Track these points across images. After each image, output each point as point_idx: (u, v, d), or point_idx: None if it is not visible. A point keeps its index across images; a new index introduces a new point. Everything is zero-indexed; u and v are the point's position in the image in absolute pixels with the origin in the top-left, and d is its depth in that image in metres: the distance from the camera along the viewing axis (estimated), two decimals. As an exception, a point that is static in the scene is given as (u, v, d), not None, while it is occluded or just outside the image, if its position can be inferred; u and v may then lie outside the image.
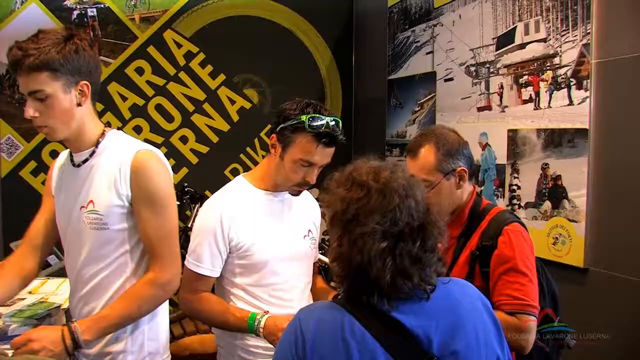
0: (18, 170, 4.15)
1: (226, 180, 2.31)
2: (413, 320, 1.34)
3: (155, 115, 4.39)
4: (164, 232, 1.90)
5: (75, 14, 4.26)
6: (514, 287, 1.89)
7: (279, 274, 2.17)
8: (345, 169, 1.46)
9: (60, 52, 1.77)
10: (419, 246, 1.35)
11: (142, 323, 1.97)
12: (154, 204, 1.88)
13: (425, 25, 3.77)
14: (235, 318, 2.09)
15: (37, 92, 1.78)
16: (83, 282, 1.96)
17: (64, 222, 1.99)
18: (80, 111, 1.86)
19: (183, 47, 4.43)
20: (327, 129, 2.06)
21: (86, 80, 1.84)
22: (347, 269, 1.37)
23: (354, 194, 1.38)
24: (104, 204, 1.87)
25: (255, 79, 4.57)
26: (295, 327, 1.39)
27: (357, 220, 1.35)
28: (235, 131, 4.54)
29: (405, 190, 1.37)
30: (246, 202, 2.18)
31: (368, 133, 4.61)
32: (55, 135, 1.87)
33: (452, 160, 2.05)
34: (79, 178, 1.93)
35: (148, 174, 1.87)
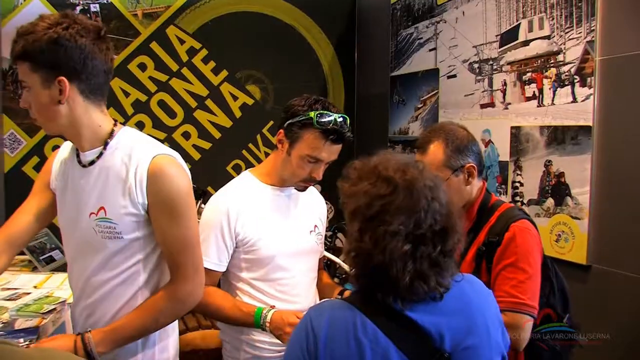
0: (21, 165, 4.15)
1: (228, 176, 2.31)
2: (425, 318, 1.34)
3: (157, 111, 4.39)
4: (184, 241, 1.76)
5: (78, 9, 4.25)
6: (511, 284, 1.89)
7: (285, 269, 2.18)
8: (369, 159, 1.43)
9: (37, 41, 1.58)
10: (439, 251, 1.34)
11: (154, 335, 1.86)
12: (173, 213, 1.72)
13: (428, 22, 3.77)
14: (241, 312, 2.10)
15: (22, 82, 1.65)
16: (90, 291, 1.82)
17: (69, 227, 1.85)
18: (66, 109, 1.66)
19: (186, 43, 4.43)
20: (335, 125, 2.06)
21: (65, 77, 1.62)
22: (366, 265, 1.35)
23: (380, 189, 1.34)
24: (117, 212, 1.72)
25: (257, 75, 4.57)
26: (306, 325, 1.38)
27: (381, 217, 1.32)
28: (238, 127, 4.54)
29: (431, 192, 1.35)
30: (253, 197, 2.18)
31: (370, 129, 4.61)
32: (46, 130, 1.75)
33: (461, 157, 2.05)
34: (87, 180, 1.77)
35: (167, 181, 1.71)
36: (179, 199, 1.73)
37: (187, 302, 1.80)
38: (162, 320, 1.81)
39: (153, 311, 1.77)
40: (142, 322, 1.76)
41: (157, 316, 1.78)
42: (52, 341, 1.73)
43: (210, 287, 2.17)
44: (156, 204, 1.72)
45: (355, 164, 1.45)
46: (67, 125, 1.70)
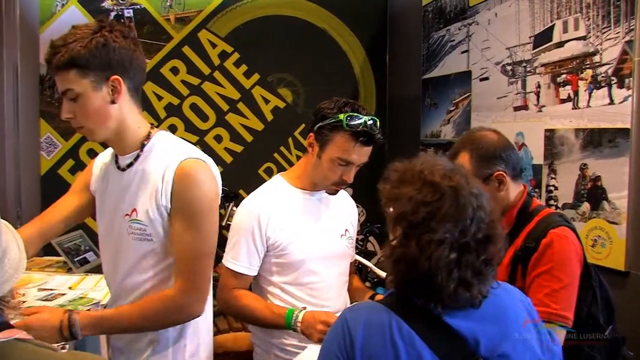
0: (56, 168, 4.22)
1: (260, 179, 2.32)
2: (462, 323, 1.33)
3: (190, 115, 4.42)
4: (197, 251, 1.74)
5: (113, 15, 4.31)
6: (544, 292, 1.85)
7: (315, 273, 2.17)
8: (410, 162, 1.41)
9: (86, 46, 1.63)
10: (482, 260, 1.32)
11: (184, 338, 1.87)
12: (191, 220, 1.71)
13: (460, 24, 3.74)
14: (272, 314, 2.10)
15: (68, 92, 1.68)
16: (126, 292, 1.85)
17: (105, 228, 1.89)
18: (117, 109, 1.72)
19: (217, 47, 4.45)
20: (365, 127, 2.06)
21: (118, 75, 1.69)
22: (410, 272, 1.33)
23: (426, 195, 1.32)
24: (147, 214, 1.74)
25: (289, 79, 4.57)
26: (342, 327, 1.37)
27: (427, 225, 1.30)
28: (270, 130, 4.55)
29: (477, 200, 1.34)
30: (284, 201, 2.18)
31: (402, 133, 4.59)
32: (94, 137, 1.76)
33: (488, 165, 2.01)
34: (123, 183, 1.81)
35: (192, 185, 1.70)
36: (200, 206, 1.72)
37: (184, 312, 1.77)
38: (155, 323, 1.79)
39: (146, 312, 1.75)
40: (132, 320, 1.75)
41: (149, 317, 1.76)
42: (39, 314, 1.73)
43: (242, 290, 2.18)
44: (177, 206, 1.72)
45: (396, 165, 1.43)
46: (114, 128, 1.74)
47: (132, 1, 4.31)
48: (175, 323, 1.83)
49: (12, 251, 1.18)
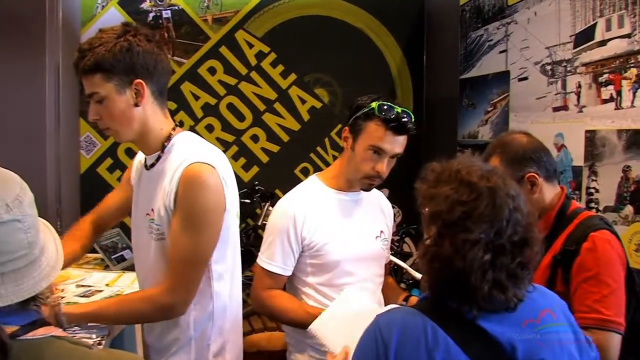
0: (95, 166, 4.29)
1: (296, 179, 2.32)
2: (497, 328, 1.30)
3: (226, 114, 4.45)
4: (188, 255, 1.75)
5: (151, 16, 4.37)
6: (594, 298, 1.79)
7: (350, 274, 2.17)
8: (448, 162, 1.40)
9: (110, 51, 1.68)
10: (517, 263, 1.30)
11: (207, 338, 1.90)
12: (189, 221, 1.74)
13: (498, 23, 3.69)
14: (307, 314, 2.10)
15: (94, 95, 1.73)
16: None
17: (135, 225, 1.96)
18: (140, 112, 1.77)
19: (254, 47, 4.47)
20: (396, 115, 2.06)
21: (141, 79, 1.73)
22: (443, 272, 1.32)
23: (462, 195, 1.31)
24: (159, 214, 1.79)
25: (326, 79, 4.57)
26: (375, 333, 1.36)
27: (462, 224, 1.29)
28: (306, 130, 4.55)
29: (513, 201, 1.32)
30: (319, 201, 2.18)
31: (439, 133, 4.55)
32: (119, 137, 1.82)
33: (518, 168, 1.99)
34: (148, 182, 1.87)
35: (195, 188, 1.72)
36: (200, 211, 1.74)
37: (165, 312, 1.80)
38: (139, 320, 1.87)
39: (130, 308, 1.80)
40: (116, 315, 1.81)
41: (134, 314, 1.82)
42: None
43: (276, 290, 2.19)
44: (178, 207, 1.74)
45: (433, 165, 1.42)
46: (138, 129, 1.79)
47: (170, 2, 4.36)
48: (160, 320, 1.87)
49: (49, 250, 1.20)
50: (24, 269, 1.11)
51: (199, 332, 1.88)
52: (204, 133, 4.38)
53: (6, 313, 1.11)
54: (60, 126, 4.08)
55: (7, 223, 1.08)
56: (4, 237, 1.08)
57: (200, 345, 1.89)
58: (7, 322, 1.11)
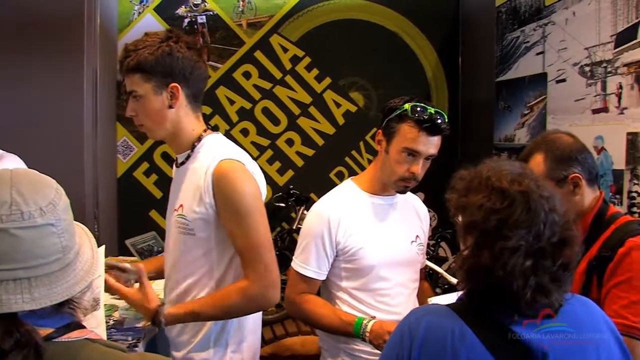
0: (132, 170, 4.35)
1: (331, 183, 2.32)
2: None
3: (261, 119, 4.47)
4: (252, 242, 1.83)
5: (186, 21, 4.43)
6: (622, 304, 1.73)
7: (385, 279, 2.15)
8: (475, 170, 1.38)
9: (152, 54, 1.79)
10: (559, 264, 1.27)
11: (226, 334, 1.95)
12: (238, 214, 1.82)
13: (535, 25, 3.63)
14: (340, 321, 2.09)
15: (133, 92, 1.84)
16: (171, 287, 1.99)
17: (167, 219, 2.05)
18: (173, 113, 1.87)
19: (289, 51, 4.49)
20: (429, 116, 2.04)
21: (177, 83, 1.83)
22: (483, 281, 1.29)
23: (495, 203, 1.29)
24: (190, 209, 1.87)
25: (360, 82, 4.56)
26: (404, 328, 1.36)
27: (499, 232, 1.26)
28: (341, 134, 4.55)
29: (548, 202, 1.29)
30: (354, 205, 2.17)
31: (475, 137, 4.50)
32: (152, 134, 1.94)
33: (563, 167, 1.94)
34: (177, 179, 1.97)
35: (230, 184, 1.82)
36: (242, 201, 1.82)
37: (258, 300, 1.87)
38: (233, 314, 1.90)
39: (224, 303, 1.85)
40: (212, 312, 1.86)
41: (227, 308, 1.86)
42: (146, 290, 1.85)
43: (310, 294, 2.18)
44: (222, 204, 1.83)
45: (461, 174, 1.40)
46: (170, 129, 1.89)
47: (205, 8, 4.40)
48: (255, 311, 1.97)
49: (85, 254, 1.21)
50: (58, 272, 1.12)
51: (219, 326, 1.93)
52: (239, 137, 4.41)
53: (40, 316, 1.12)
54: (97, 131, 4.14)
55: (41, 227, 1.09)
56: (37, 241, 1.09)
57: (219, 342, 1.94)
58: (42, 324, 1.12)
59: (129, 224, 4.20)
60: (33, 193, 1.11)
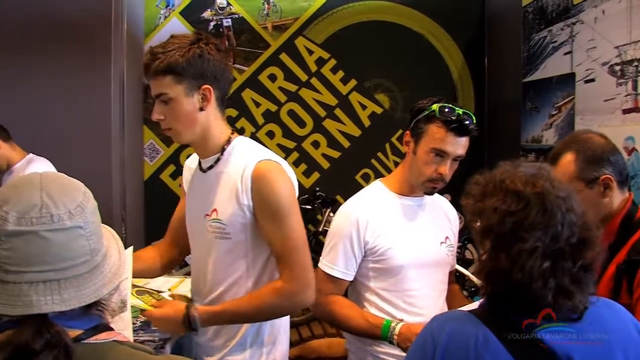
0: (158, 173, 4.39)
1: (357, 184, 2.32)
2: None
3: (287, 121, 4.49)
4: (289, 243, 1.82)
5: (212, 24, 4.47)
6: None
7: (413, 280, 2.14)
8: (490, 174, 1.36)
9: (183, 55, 1.76)
10: (579, 265, 1.25)
11: (262, 334, 1.93)
12: (276, 216, 1.80)
13: (563, 24, 3.59)
14: (368, 324, 2.08)
15: (162, 95, 1.79)
16: (206, 291, 1.95)
17: (191, 227, 2.01)
18: (204, 116, 1.83)
19: (314, 54, 4.50)
20: (457, 117, 2.03)
21: (209, 85, 1.80)
22: (503, 284, 1.28)
23: (510, 205, 1.27)
24: (227, 213, 1.83)
25: (386, 84, 4.55)
26: (426, 334, 1.35)
27: (515, 235, 1.25)
28: (367, 136, 4.55)
29: (565, 203, 1.26)
30: (382, 206, 2.17)
31: (502, 138, 4.46)
32: (179, 138, 1.88)
33: (594, 168, 1.90)
34: (205, 184, 1.92)
35: (269, 185, 1.80)
36: (280, 202, 1.80)
37: (294, 300, 1.85)
38: (269, 314, 1.88)
39: (260, 303, 1.83)
40: (248, 312, 1.84)
41: (263, 309, 1.84)
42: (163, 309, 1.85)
43: (337, 296, 2.18)
44: (260, 206, 1.81)
45: (476, 179, 1.38)
46: (199, 132, 1.86)
47: (231, 11, 4.44)
48: (291, 312, 1.95)
49: (112, 257, 1.22)
50: (86, 274, 1.13)
51: (255, 327, 1.92)
52: (265, 139, 4.42)
53: (70, 317, 1.13)
54: (125, 134, 4.19)
55: (70, 230, 1.10)
56: (66, 243, 1.10)
57: (255, 342, 1.93)
58: (71, 325, 1.13)
59: (155, 226, 4.20)
60: (62, 196, 1.12)
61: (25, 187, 1.12)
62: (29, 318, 1.06)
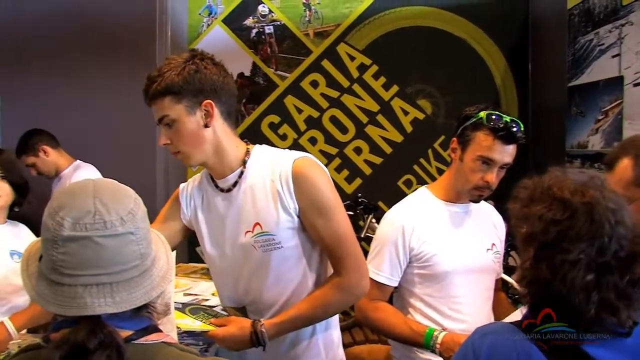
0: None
1: (399, 191, 2.32)
2: (604, 353, 1.22)
3: (329, 127, 4.50)
4: (340, 236, 1.80)
5: (254, 32, 4.51)
6: None
7: (459, 287, 2.13)
8: (539, 179, 1.34)
9: (179, 74, 1.73)
10: (627, 280, 1.21)
11: (331, 328, 1.95)
12: (323, 210, 1.79)
13: (611, 26, 3.52)
14: (411, 331, 2.08)
15: (164, 118, 1.76)
16: (263, 308, 1.89)
17: (218, 251, 1.92)
18: (210, 133, 1.79)
19: (356, 60, 4.50)
20: (505, 124, 2.02)
21: (210, 100, 1.77)
22: (544, 294, 1.26)
23: (556, 214, 1.25)
24: (272, 223, 1.79)
25: (428, 90, 4.52)
26: (468, 346, 1.34)
27: (559, 245, 1.22)
28: (409, 142, 4.52)
29: (614, 215, 1.23)
30: (428, 212, 2.17)
31: (546, 144, 4.40)
32: (190, 160, 1.83)
33: None
34: (234, 203, 1.85)
35: (311, 181, 1.78)
36: (325, 196, 1.80)
37: (354, 292, 1.84)
38: (332, 311, 1.87)
39: (322, 303, 1.82)
40: (312, 314, 1.82)
41: (327, 307, 1.83)
42: (227, 327, 1.80)
43: (381, 302, 2.18)
44: (307, 205, 1.79)
45: (525, 183, 1.36)
46: (211, 150, 1.81)
47: (273, 18, 4.48)
48: (349, 305, 1.95)
49: (160, 260, 1.26)
50: (137, 278, 1.17)
51: (323, 325, 1.93)
52: (307, 146, 4.45)
53: (121, 319, 1.17)
54: (169, 141, 4.26)
55: (121, 235, 1.14)
56: (118, 248, 1.14)
57: (326, 340, 1.94)
58: (122, 326, 1.17)
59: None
60: (114, 203, 1.16)
61: (79, 194, 1.16)
62: (84, 318, 1.11)
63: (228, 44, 4.51)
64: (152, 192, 4.16)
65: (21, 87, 4.32)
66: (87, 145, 4.14)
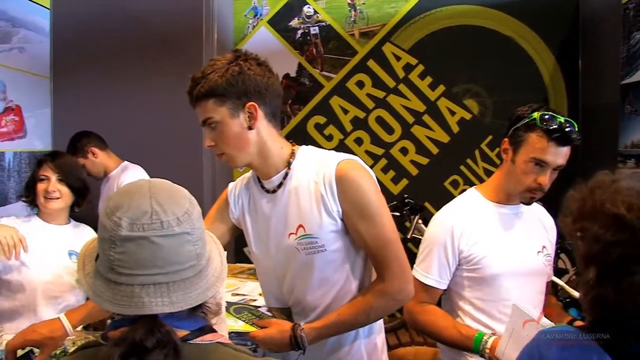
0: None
1: (446, 192, 2.30)
2: None
3: (375, 127, 4.49)
4: (384, 240, 1.77)
5: (299, 33, 4.54)
6: None
7: (509, 290, 2.09)
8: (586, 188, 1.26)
9: (223, 76, 1.71)
10: None
11: (374, 333, 1.92)
12: (367, 213, 1.75)
13: (667, 22, 3.43)
14: (459, 335, 2.05)
15: (208, 120, 1.75)
16: (308, 310, 1.88)
17: (263, 251, 1.91)
18: (255, 134, 1.77)
19: (402, 60, 4.48)
20: (559, 125, 1.97)
21: (254, 102, 1.74)
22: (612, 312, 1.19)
23: (615, 234, 1.16)
24: (315, 226, 1.77)
25: (475, 89, 4.47)
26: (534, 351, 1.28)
27: (623, 267, 1.15)
28: (455, 142, 4.48)
29: None
30: (478, 214, 2.14)
31: (597, 144, 4.29)
32: (235, 162, 1.82)
33: None
34: (278, 204, 1.84)
35: (355, 184, 1.75)
36: (369, 199, 1.76)
37: (397, 297, 1.81)
38: (373, 316, 1.84)
39: (366, 309, 1.79)
40: (354, 319, 1.80)
41: (370, 312, 1.80)
42: (269, 330, 1.80)
43: (430, 305, 2.16)
44: (350, 208, 1.76)
45: (574, 195, 1.28)
46: (256, 152, 1.80)
47: (318, 19, 4.49)
48: (393, 310, 1.89)
49: (215, 260, 1.27)
50: (192, 278, 1.17)
51: (366, 330, 1.90)
52: (354, 146, 4.45)
53: (177, 318, 1.18)
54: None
55: (178, 235, 1.15)
56: (174, 248, 1.14)
57: (369, 345, 1.91)
58: (179, 326, 1.18)
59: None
60: (170, 203, 1.16)
61: (135, 194, 1.17)
62: (142, 317, 1.12)
63: (273, 45, 4.54)
64: (199, 193, 4.19)
65: (71, 89, 4.40)
66: (135, 146, 4.20)
